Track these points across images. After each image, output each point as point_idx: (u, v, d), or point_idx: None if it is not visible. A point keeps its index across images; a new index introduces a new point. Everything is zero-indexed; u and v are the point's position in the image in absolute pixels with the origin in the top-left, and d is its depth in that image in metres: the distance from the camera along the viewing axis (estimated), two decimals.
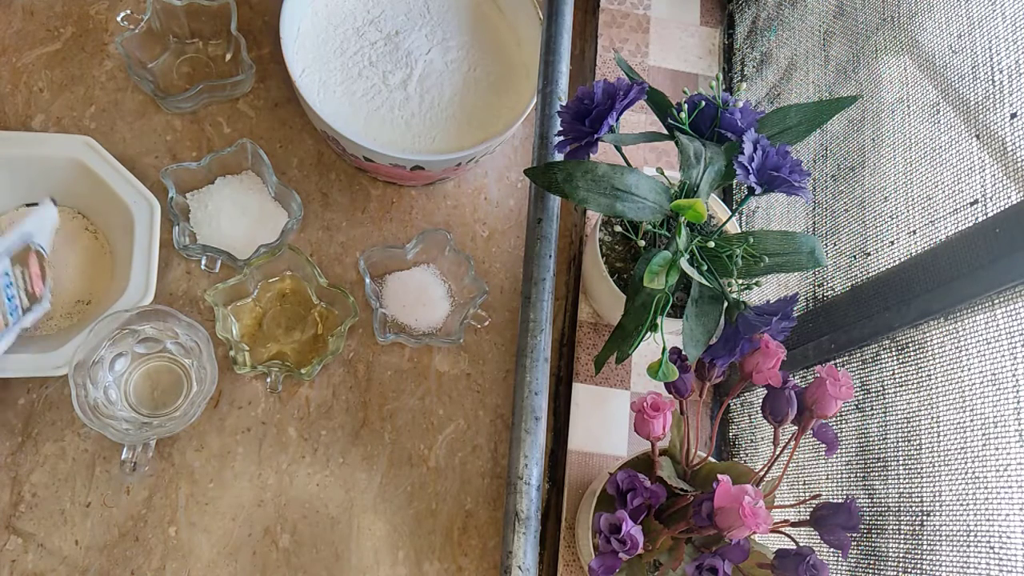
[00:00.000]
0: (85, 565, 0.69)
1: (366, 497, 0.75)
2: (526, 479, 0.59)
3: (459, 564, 0.75)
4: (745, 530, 0.50)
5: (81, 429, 0.71)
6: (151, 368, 0.73)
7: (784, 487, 0.71)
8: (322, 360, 0.73)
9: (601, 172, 0.57)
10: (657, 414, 0.58)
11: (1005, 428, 0.50)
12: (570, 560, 0.74)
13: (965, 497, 0.52)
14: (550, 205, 0.66)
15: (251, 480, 0.73)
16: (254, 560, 0.71)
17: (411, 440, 0.77)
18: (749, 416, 0.78)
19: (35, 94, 0.79)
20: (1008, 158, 0.52)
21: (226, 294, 0.73)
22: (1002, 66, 0.53)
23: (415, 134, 0.79)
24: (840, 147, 0.72)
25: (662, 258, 0.56)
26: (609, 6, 0.94)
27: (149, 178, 0.78)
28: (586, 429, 0.78)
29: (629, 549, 0.53)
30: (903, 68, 0.64)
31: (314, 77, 0.79)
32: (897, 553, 0.57)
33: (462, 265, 0.78)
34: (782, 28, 0.85)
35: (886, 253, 0.63)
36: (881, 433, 0.61)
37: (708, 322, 0.58)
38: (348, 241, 0.82)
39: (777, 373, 0.57)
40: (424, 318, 0.79)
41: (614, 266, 0.73)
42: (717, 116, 0.60)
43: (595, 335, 0.81)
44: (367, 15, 0.82)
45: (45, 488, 0.70)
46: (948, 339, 0.55)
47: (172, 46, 0.82)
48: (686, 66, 0.93)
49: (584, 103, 0.58)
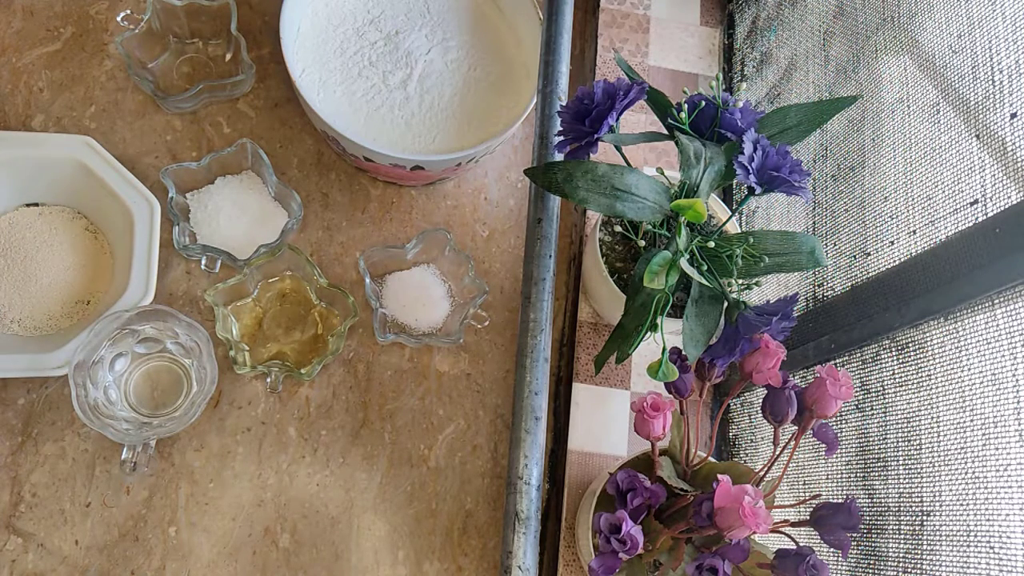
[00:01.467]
0: (85, 565, 0.69)
1: (366, 497, 0.75)
2: (526, 479, 0.59)
3: (459, 564, 0.75)
4: (745, 530, 0.50)
5: (81, 429, 0.71)
6: (151, 368, 0.73)
7: (784, 487, 0.71)
8: (322, 360, 0.73)
9: (601, 172, 0.57)
10: (657, 414, 0.58)
11: (1005, 428, 0.50)
12: (570, 560, 0.74)
13: (965, 497, 0.52)
14: (550, 205, 0.66)
15: (251, 480, 0.73)
16: (254, 560, 0.71)
17: (411, 440, 0.77)
18: (749, 416, 0.78)
19: (35, 94, 0.79)
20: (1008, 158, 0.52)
21: (226, 294, 0.73)
22: (1002, 66, 0.53)
23: (415, 134, 0.79)
24: (840, 147, 0.72)
25: (662, 258, 0.56)
26: (609, 6, 0.94)
27: (149, 178, 0.78)
28: (586, 429, 0.78)
29: (629, 549, 0.53)
30: (903, 68, 0.64)
31: (314, 77, 0.79)
32: (897, 553, 0.57)
33: (462, 265, 0.78)
34: (782, 28, 0.85)
35: (886, 253, 0.63)
36: (881, 433, 0.61)
37: (708, 322, 0.58)
38: (348, 241, 0.82)
39: (777, 373, 0.57)
40: (424, 318, 0.79)
41: (614, 266, 0.73)
42: (717, 116, 0.60)
43: (595, 335, 0.81)
44: (367, 15, 0.82)
45: (45, 488, 0.70)
46: (948, 339, 0.55)
47: (172, 46, 0.82)
48: (686, 66, 0.93)
49: (584, 103, 0.58)
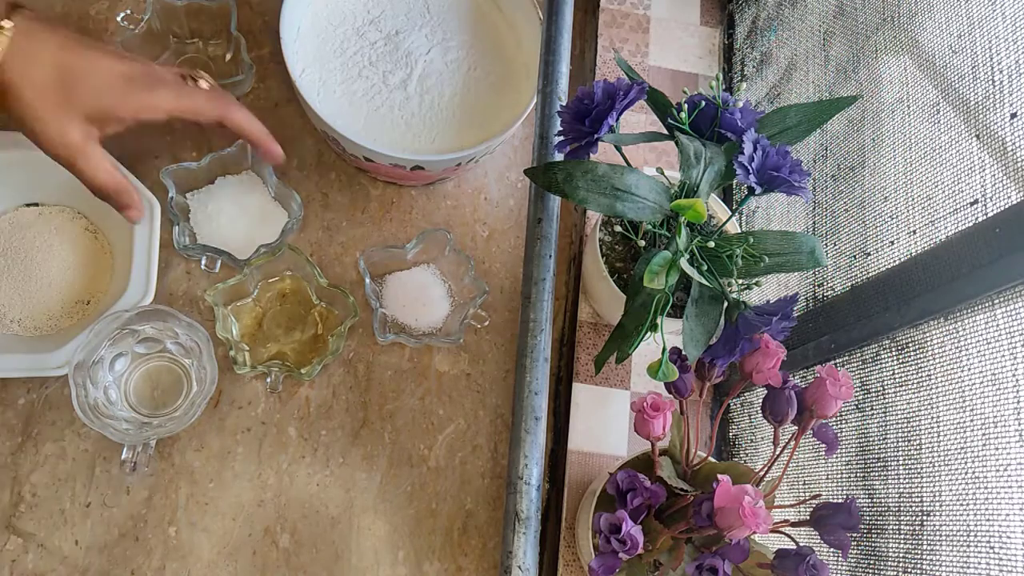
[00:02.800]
0: (85, 565, 0.69)
1: (366, 497, 0.75)
2: (526, 479, 0.59)
3: (459, 564, 0.75)
4: (745, 530, 0.50)
5: (81, 429, 0.71)
6: (151, 368, 0.73)
7: (784, 487, 0.71)
8: (322, 360, 0.73)
9: (601, 172, 0.57)
10: (657, 414, 0.58)
11: (1005, 428, 0.50)
12: (570, 560, 0.74)
13: (965, 497, 0.52)
14: (550, 205, 0.66)
15: (251, 480, 0.73)
16: (254, 560, 0.71)
17: (411, 440, 0.77)
18: (749, 416, 0.78)
19: None
20: (1008, 158, 0.52)
21: (226, 294, 0.73)
22: (1002, 66, 0.53)
23: (415, 134, 0.79)
24: (840, 147, 0.72)
25: (662, 258, 0.56)
26: (609, 6, 0.94)
27: (149, 178, 0.78)
28: (586, 429, 0.78)
29: (629, 549, 0.53)
30: (903, 68, 0.64)
31: (314, 77, 0.79)
32: (897, 553, 0.57)
33: (462, 265, 0.78)
34: (782, 28, 0.85)
35: (886, 253, 0.63)
36: (881, 433, 0.61)
37: (708, 322, 0.58)
38: (348, 241, 0.82)
39: (777, 373, 0.57)
40: (424, 318, 0.79)
41: (614, 266, 0.73)
42: (717, 116, 0.60)
43: (595, 335, 0.81)
44: (367, 15, 0.82)
45: (45, 488, 0.70)
46: (948, 339, 0.55)
47: (172, 46, 0.82)
48: (686, 66, 0.93)
49: (584, 103, 0.58)
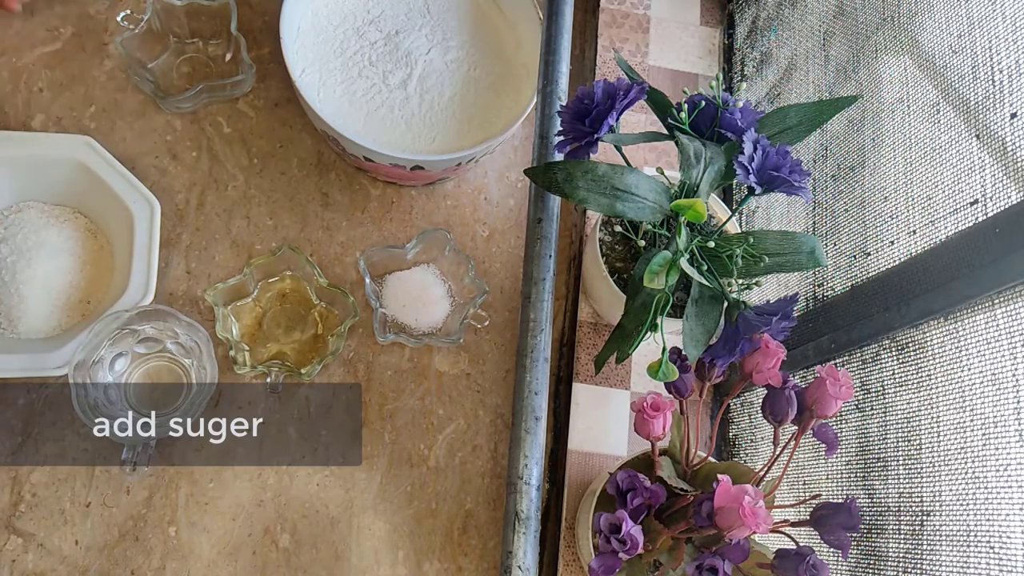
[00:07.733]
0: (85, 565, 0.69)
1: (366, 497, 0.75)
2: (526, 479, 0.59)
3: (459, 564, 0.75)
4: (745, 530, 0.50)
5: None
6: (151, 368, 0.73)
7: (784, 487, 0.71)
8: (322, 360, 0.73)
9: (601, 172, 0.57)
10: (657, 414, 0.58)
11: (1005, 428, 0.50)
12: (570, 560, 0.74)
13: (965, 497, 0.52)
14: (550, 205, 0.66)
15: (251, 480, 0.73)
16: (254, 560, 0.71)
17: (411, 440, 0.77)
18: (749, 416, 0.78)
19: (35, 94, 0.79)
20: (1008, 158, 0.52)
21: (226, 294, 0.73)
22: (1002, 66, 0.53)
23: (415, 134, 0.79)
24: (840, 147, 0.72)
25: (662, 258, 0.56)
26: (609, 6, 0.94)
27: (149, 178, 0.78)
28: (586, 429, 0.78)
29: (629, 549, 0.53)
30: (903, 68, 0.64)
31: (314, 77, 0.79)
32: (897, 553, 0.57)
33: (462, 265, 0.78)
34: (782, 28, 0.85)
35: (886, 253, 0.63)
36: (881, 433, 0.61)
37: (708, 322, 0.58)
38: (348, 241, 0.82)
39: (777, 373, 0.57)
40: (424, 318, 0.79)
41: (614, 266, 0.73)
42: (717, 116, 0.60)
43: (595, 335, 0.81)
44: (367, 15, 0.82)
45: (45, 488, 0.70)
46: (948, 339, 0.55)
47: (172, 46, 0.82)
48: (686, 66, 0.93)
49: (584, 103, 0.58)
